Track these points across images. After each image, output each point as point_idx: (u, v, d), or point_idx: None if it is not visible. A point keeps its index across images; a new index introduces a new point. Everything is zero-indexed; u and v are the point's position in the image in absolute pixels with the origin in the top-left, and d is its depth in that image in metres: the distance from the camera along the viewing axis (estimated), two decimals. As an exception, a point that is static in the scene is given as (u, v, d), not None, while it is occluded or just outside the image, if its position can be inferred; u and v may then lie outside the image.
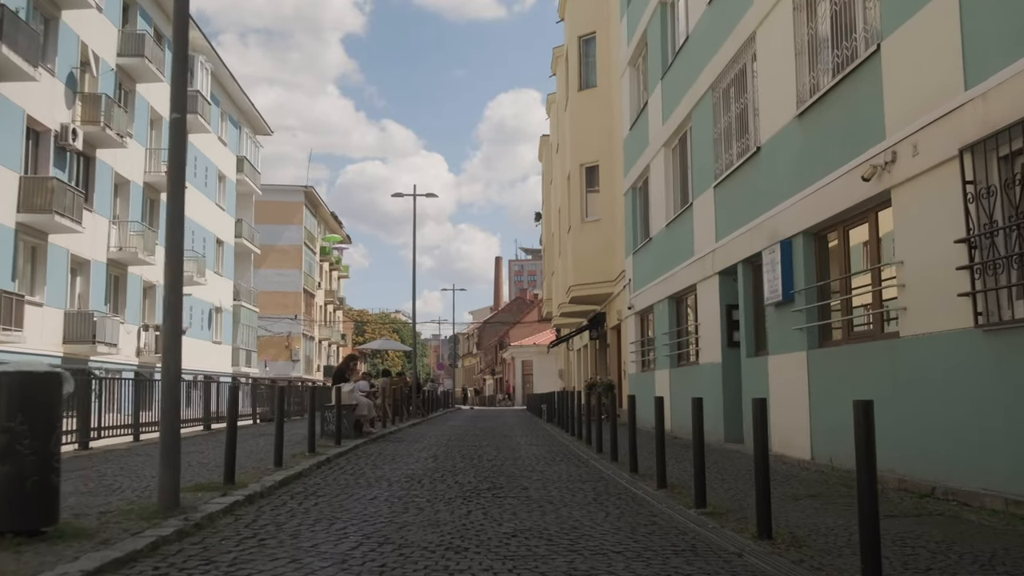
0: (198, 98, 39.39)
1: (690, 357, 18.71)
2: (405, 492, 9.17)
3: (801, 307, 11.83)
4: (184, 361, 26.05)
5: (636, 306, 23.39)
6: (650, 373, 21.88)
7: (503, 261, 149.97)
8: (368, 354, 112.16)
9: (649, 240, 21.92)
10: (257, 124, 52.95)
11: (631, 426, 11.81)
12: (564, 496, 9.02)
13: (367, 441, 16.61)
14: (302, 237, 68.33)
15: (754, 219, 13.70)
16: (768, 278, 12.81)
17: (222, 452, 12.94)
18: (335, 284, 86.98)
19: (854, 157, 10.14)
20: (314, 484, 9.80)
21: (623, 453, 12.91)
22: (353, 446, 15.00)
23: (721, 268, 15.62)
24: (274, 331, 64.15)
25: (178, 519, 6.41)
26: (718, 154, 16.09)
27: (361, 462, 12.68)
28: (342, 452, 13.70)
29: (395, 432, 20.77)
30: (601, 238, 27.60)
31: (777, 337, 12.83)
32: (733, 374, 15.38)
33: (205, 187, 43.48)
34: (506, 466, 12.32)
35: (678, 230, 18.96)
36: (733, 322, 15.65)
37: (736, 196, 14.84)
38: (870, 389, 9.92)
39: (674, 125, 19.04)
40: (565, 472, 11.60)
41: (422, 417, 30.61)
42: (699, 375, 17.13)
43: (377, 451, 14.77)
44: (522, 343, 76.51)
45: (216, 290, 45.06)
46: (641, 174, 22.88)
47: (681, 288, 18.64)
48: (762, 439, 6.63)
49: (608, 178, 27.65)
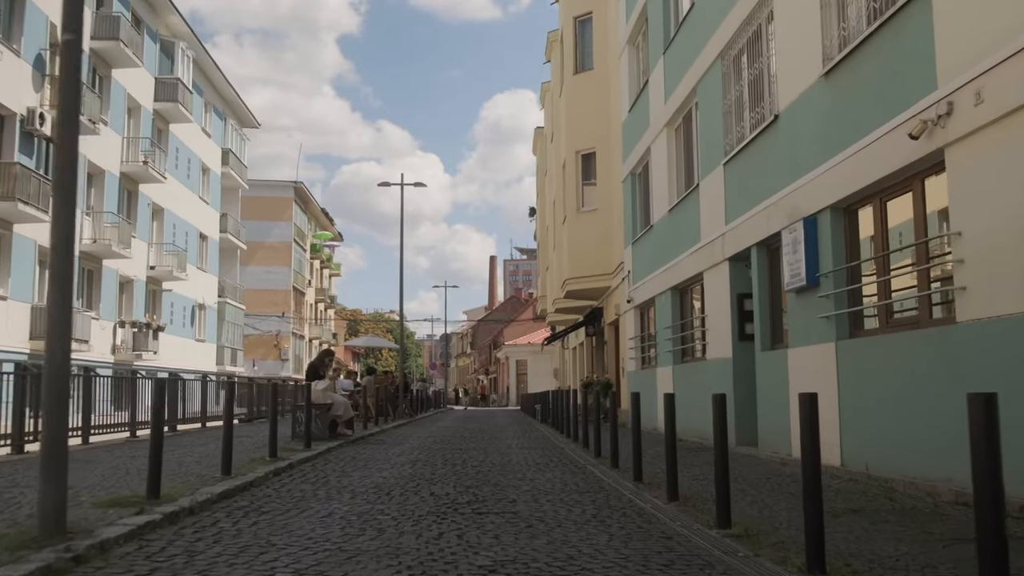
0: (179, 86, 37.93)
1: (695, 352, 17.26)
2: (368, 507, 7.69)
3: (828, 292, 10.38)
4: (165, 359, 24.60)
5: (636, 299, 21.94)
6: (651, 371, 20.43)
7: (498, 260, 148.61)
8: (361, 353, 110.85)
9: (650, 228, 20.47)
10: (243, 116, 51.40)
11: (635, 428, 10.34)
12: (558, 512, 7.56)
13: (342, 444, 15.14)
14: (291, 234, 66.78)
15: (771, 196, 12.25)
16: (788, 261, 11.36)
17: (171, 457, 11.53)
18: (326, 282, 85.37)
19: (896, 115, 8.69)
20: (263, 497, 8.32)
21: (624, 457, 11.50)
22: (325, 449, 13.52)
23: (732, 253, 14.18)
24: (262, 330, 62.61)
25: (55, 549, 4.92)
26: (728, 128, 14.64)
27: (328, 468, 11.20)
28: (309, 457, 12.22)
29: (377, 433, 19.29)
30: (598, 228, 26.14)
31: (799, 327, 11.38)
32: (745, 370, 13.94)
33: (188, 179, 41.97)
34: (492, 473, 10.85)
35: (682, 215, 17.51)
36: (745, 313, 14.20)
37: (750, 172, 13.39)
38: (916, 384, 8.48)
39: (678, 102, 17.58)
40: (559, 480, 10.13)
41: (410, 418, 29.13)
42: (706, 372, 15.68)
43: (350, 455, 13.29)
44: (516, 342, 75.07)
45: (199, 286, 43.54)
46: (641, 158, 21.43)
47: (686, 278, 17.18)
48: (812, 446, 5.18)
49: (605, 165, 26.20)
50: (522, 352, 73.32)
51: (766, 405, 12.67)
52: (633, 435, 10.26)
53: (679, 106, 17.56)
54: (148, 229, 37.24)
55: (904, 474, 8.51)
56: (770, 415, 12.39)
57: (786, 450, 11.67)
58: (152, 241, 37.78)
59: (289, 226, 66.75)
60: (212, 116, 45.86)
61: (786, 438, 11.67)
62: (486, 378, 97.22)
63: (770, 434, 12.28)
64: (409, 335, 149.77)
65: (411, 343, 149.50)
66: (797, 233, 10.99)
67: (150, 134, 36.49)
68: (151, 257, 37.46)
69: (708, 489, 9.33)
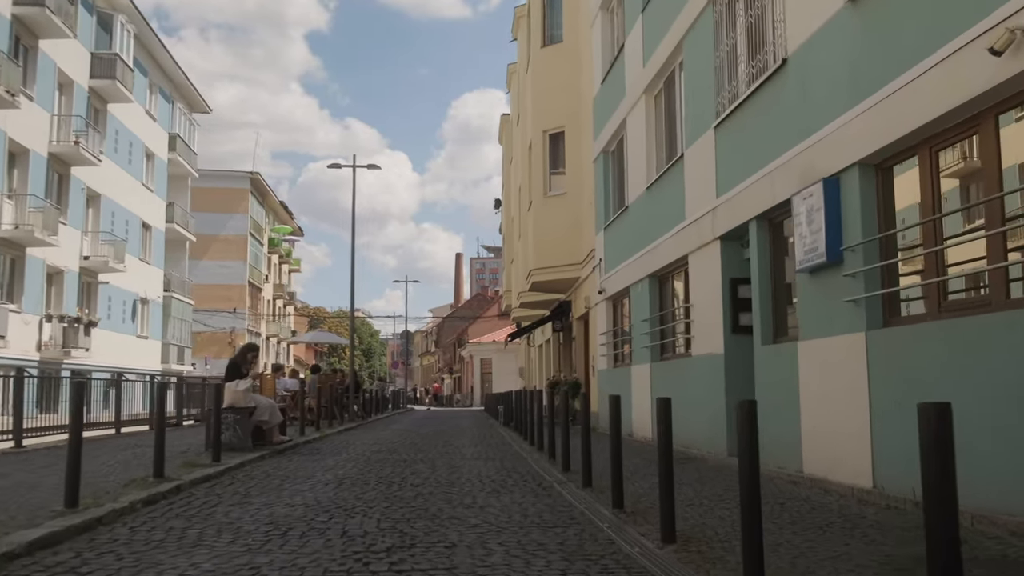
0: (116, 62, 35.21)
1: (677, 348, 15.15)
2: (243, 560, 5.44)
3: (855, 270, 8.27)
4: (102, 357, 21.38)
5: (608, 290, 19.80)
6: (625, 369, 18.30)
7: (464, 258, 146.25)
8: (325, 351, 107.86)
9: (625, 210, 18.32)
10: (193, 100, 48.64)
11: (613, 439, 8.15)
12: (511, 565, 5.36)
13: (266, 455, 12.84)
14: (247, 227, 64.00)
15: (776, 158, 10.13)
16: (801, 234, 9.24)
17: (49, 471, 9.22)
18: (285, 278, 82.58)
19: (962, 31, 6.59)
20: (103, 543, 6.02)
21: (599, 472, 9.36)
22: (237, 464, 11.22)
23: (724, 231, 12.05)
24: (215, 327, 59.84)
25: None
26: (720, 85, 12.52)
27: (225, 492, 8.90)
28: (211, 475, 9.91)
29: (315, 440, 16.97)
30: (566, 214, 23.97)
31: (814, 315, 9.26)
32: (740, 367, 11.84)
33: (129, 164, 39.25)
34: (434, 497, 8.63)
35: (663, 192, 15.39)
36: (740, 301, 12.09)
37: (748, 132, 11.27)
38: (988, 384, 6.36)
39: (659, 63, 15.46)
40: (518, 508, 7.93)
41: (361, 420, 26.79)
42: (692, 370, 13.56)
43: (265, 471, 10.98)
44: (481, 340, 72.86)
45: (141, 279, 40.81)
46: (615, 134, 19.29)
47: (667, 263, 15.05)
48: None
49: (575, 146, 24.04)
50: (487, 350, 71.13)
51: (768, 410, 10.51)
52: (612, 448, 8.08)
53: (660, 68, 15.43)
54: (82, 216, 34.53)
55: (975, 506, 6.38)
56: (774, 422, 10.27)
57: (796, 465, 9.56)
58: (87, 229, 35.08)
59: (245, 219, 63.98)
60: (158, 98, 43.11)
61: (796, 451, 9.56)
62: (450, 377, 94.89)
63: (775, 445, 10.17)
64: (373, 334, 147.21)
65: (375, 342, 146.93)
66: (814, 199, 8.87)
67: (85, 113, 33.83)
68: (86, 246, 34.77)
69: (710, 521, 7.22)
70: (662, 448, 6.71)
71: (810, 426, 9.29)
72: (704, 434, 12.77)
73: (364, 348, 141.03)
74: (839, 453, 8.61)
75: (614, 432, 8.09)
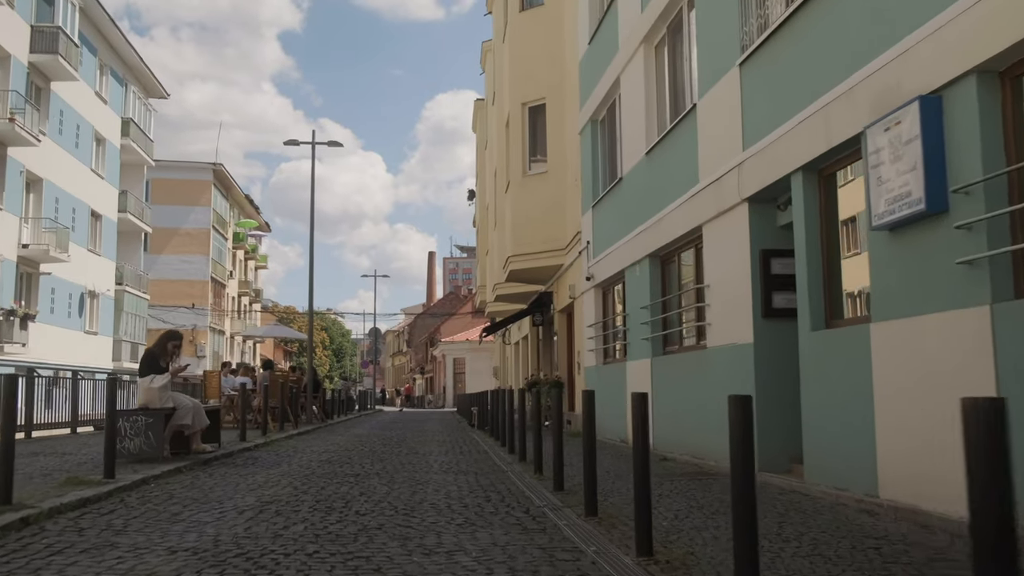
0: (59, 36, 32.47)
1: (686, 339, 12.81)
2: None
3: (973, 219, 5.94)
4: (39, 353, 18.44)
5: (597, 276, 17.44)
6: (617, 366, 15.95)
7: (436, 257, 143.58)
8: (294, 351, 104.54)
9: (618, 183, 15.97)
10: (149, 85, 45.76)
11: (638, 455, 5.75)
12: None
13: (184, 467, 10.34)
14: (210, 220, 61.08)
15: (835, 86, 7.79)
16: (880, 178, 6.91)
17: None
18: (251, 274, 79.64)
19: None
20: None
21: (607, 493, 7.01)
22: (137, 480, 8.72)
23: (754, 191, 9.71)
24: (175, 324, 56.90)
25: None
26: (745, 14, 10.20)
27: (92, 528, 6.37)
28: (86, 500, 7.40)
29: (258, 447, 14.47)
30: (548, 195, 21.58)
31: (900, 286, 6.92)
32: (776, 360, 9.52)
33: (76, 148, 36.44)
34: (386, 533, 6.21)
35: (668, 155, 13.05)
36: (773, 278, 9.76)
37: (789, 62, 8.94)
38: None
39: (661, 4, 13.13)
40: (503, 553, 5.54)
41: (321, 422, 24.25)
42: (707, 364, 11.20)
43: (171, 491, 8.47)
44: (454, 339, 70.34)
45: (89, 271, 37.98)
46: (606, 97, 16.95)
47: (673, 239, 12.70)
48: None
49: (557, 120, 21.66)
50: (459, 349, 68.62)
51: (822, 414, 8.20)
52: (635, 464, 5.68)
53: (664, 9, 13.10)
54: (20, 201, 31.73)
55: None
56: (831, 429, 7.95)
57: (867, 487, 7.22)
58: (27, 215, 32.30)
59: (207, 212, 61.08)
60: (109, 80, 40.26)
61: (867, 468, 7.22)
62: (422, 377, 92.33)
63: (831, 459, 7.85)
64: (345, 333, 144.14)
65: (346, 342, 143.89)
66: (904, 127, 6.53)
67: (24, 90, 31.06)
68: (25, 234, 31.99)
69: None
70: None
71: (891, 435, 6.96)
72: (726, 444, 10.40)
73: (335, 348, 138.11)
74: (939, 472, 6.27)
75: (639, 447, 5.69)
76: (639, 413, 5.68)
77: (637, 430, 5.65)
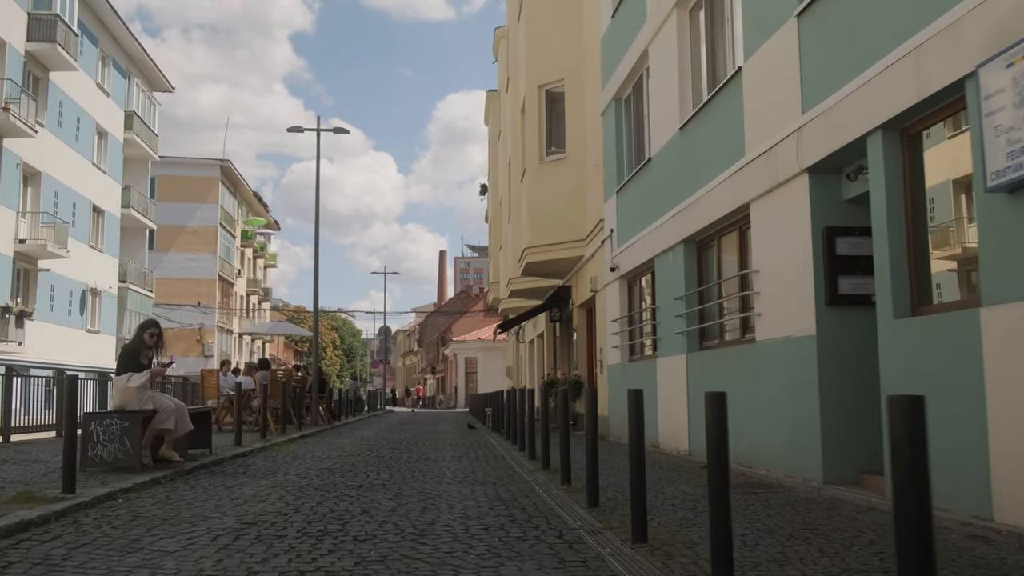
0: (57, 23, 31.32)
1: (728, 332, 11.49)
2: None
3: None
4: (37, 352, 16.75)
5: (622, 267, 16.14)
6: (647, 363, 14.64)
7: (447, 256, 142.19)
8: (305, 351, 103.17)
9: (646, 164, 14.66)
10: (154, 78, 44.63)
11: (715, 468, 4.45)
12: None
13: (163, 477, 9.08)
14: (218, 217, 59.96)
15: (935, 19, 6.46)
16: (998, 127, 5.60)
17: None
18: (260, 273, 78.52)
19: None
20: None
21: (651, 511, 5.75)
22: (100, 496, 7.44)
23: (817, 159, 8.38)
24: (182, 323, 55.78)
25: None
26: (805, -43, 8.88)
27: (17, 567, 5.13)
28: (27, 523, 6.12)
29: (251, 453, 13.20)
30: (567, 182, 20.25)
31: (1021, 262, 5.60)
32: (846, 354, 8.22)
33: (77, 141, 35.32)
34: (385, 573, 4.93)
35: (705, 128, 11.74)
36: (840, 259, 8.44)
37: (863, 3, 7.62)
38: None
39: (699, -38, 11.84)
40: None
41: (327, 424, 22.98)
42: (756, 360, 9.89)
43: (137, 510, 7.17)
44: (465, 338, 69.11)
45: (90, 267, 36.86)
46: (631, 73, 15.64)
47: (713, 220, 11.37)
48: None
49: (576, 103, 20.34)
50: (471, 348, 67.40)
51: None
52: (713, 488, 4.39)
53: (701, -34, 11.81)
54: (17, 194, 30.61)
55: None
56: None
57: (980, 508, 5.91)
58: (24, 210, 31.18)
59: (215, 209, 59.97)
60: (111, 72, 39.12)
61: (979, 486, 5.91)
62: (433, 377, 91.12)
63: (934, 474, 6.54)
64: (356, 333, 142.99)
65: (357, 342, 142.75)
66: (1037, 58, 5.22)
67: (21, 79, 29.94)
68: (23, 229, 30.85)
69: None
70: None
71: (1009, 445, 5.65)
72: (781, 451, 9.12)
73: (346, 348, 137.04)
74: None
75: (714, 459, 4.38)
76: (715, 415, 4.37)
77: (712, 439, 4.34)
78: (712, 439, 4.20)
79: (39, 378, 19.04)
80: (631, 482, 5.92)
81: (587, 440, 7.70)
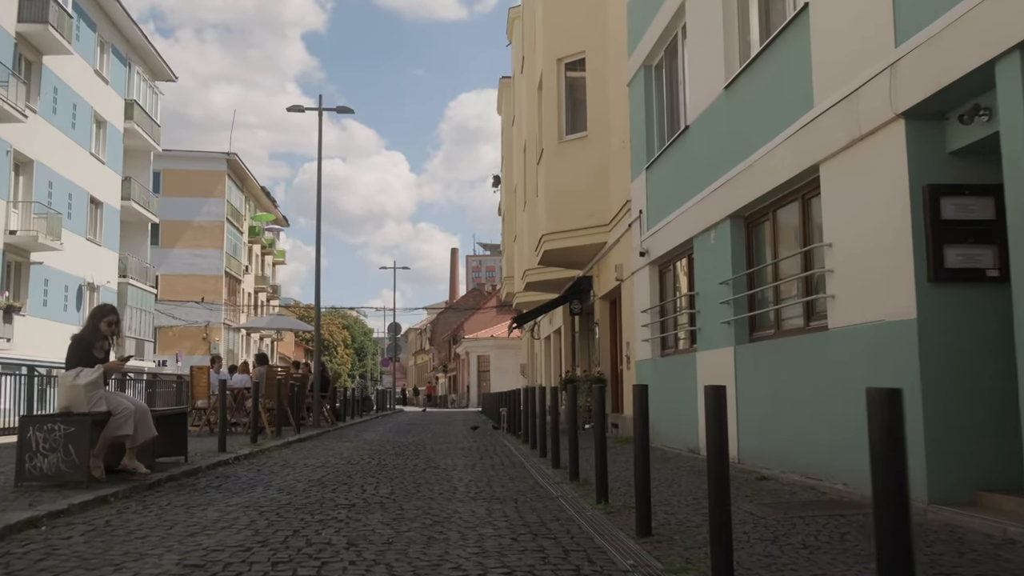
0: (49, 4, 29.81)
1: (785, 321, 9.83)
2: None
3: None
4: (29, 349, 14.83)
5: (652, 251, 14.48)
6: (684, 357, 12.98)
7: (459, 254, 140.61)
8: (312, 349, 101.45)
9: (682, 133, 12.99)
10: (156, 66, 43.15)
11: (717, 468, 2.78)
12: None
13: (116, 494, 7.48)
14: (224, 212, 58.50)
15: None
16: None
17: None
18: (268, 270, 77.12)
19: None
20: None
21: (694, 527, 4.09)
22: (20, 522, 5.86)
23: (918, 100, 6.70)
24: (187, 320, 54.36)
25: None
26: None
27: None
28: None
29: (236, 460, 11.60)
30: (588, 162, 18.60)
31: None
32: (958, 342, 6.56)
33: (73, 129, 33.83)
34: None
35: (759, 81, 10.07)
36: (947, 225, 6.77)
37: None
38: None
39: None
40: None
41: (330, 426, 21.39)
42: (827, 352, 8.21)
43: (53, 546, 5.52)
44: (478, 336, 67.50)
45: (87, 261, 35.39)
46: (663, 34, 13.99)
47: (768, 189, 9.70)
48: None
49: (598, 76, 18.69)
50: (484, 346, 65.76)
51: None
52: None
53: None
54: (7, 183, 29.11)
55: None
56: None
57: None
58: (15, 199, 29.69)
59: (221, 204, 58.53)
60: (110, 58, 37.62)
61: None
62: (444, 376, 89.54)
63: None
64: (367, 332, 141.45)
65: (368, 340, 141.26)
66: None
67: (11, 62, 28.45)
68: (12, 220, 29.38)
69: None
70: None
71: None
72: (864, 462, 7.44)
73: (357, 347, 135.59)
74: None
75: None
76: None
77: (712, 435, 2.71)
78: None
79: (18, 376, 17.63)
80: (711, 521, 4.24)
81: (636, 450, 6.06)
